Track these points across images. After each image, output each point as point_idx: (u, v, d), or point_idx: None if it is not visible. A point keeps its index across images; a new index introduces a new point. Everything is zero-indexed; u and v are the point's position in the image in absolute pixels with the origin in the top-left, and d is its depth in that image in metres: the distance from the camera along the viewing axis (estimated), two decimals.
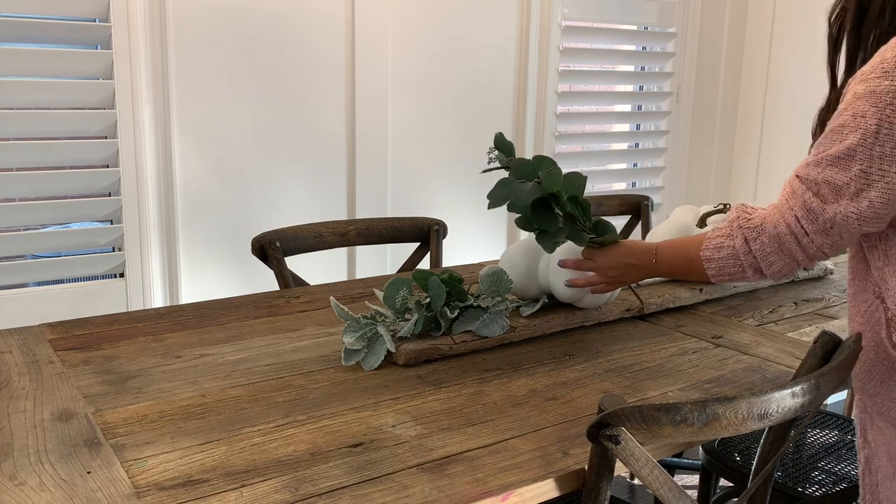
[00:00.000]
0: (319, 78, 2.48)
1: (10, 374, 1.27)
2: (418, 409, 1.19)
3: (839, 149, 1.02)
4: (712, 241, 1.21)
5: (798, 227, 1.09)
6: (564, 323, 1.54)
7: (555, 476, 1.00)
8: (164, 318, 1.56)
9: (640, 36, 3.30)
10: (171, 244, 2.33)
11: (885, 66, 0.98)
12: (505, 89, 2.87)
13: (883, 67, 0.98)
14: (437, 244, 2.10)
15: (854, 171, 1.01)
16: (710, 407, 0.89)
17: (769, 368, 1.39)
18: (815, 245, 1.09)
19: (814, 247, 1.09)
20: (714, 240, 1.21)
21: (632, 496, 2.42)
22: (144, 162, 2.24)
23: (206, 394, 1.22)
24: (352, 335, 1.35)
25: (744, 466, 1.59)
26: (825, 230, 1.07)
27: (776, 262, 1.14)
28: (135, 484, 0.95)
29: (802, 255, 1.11)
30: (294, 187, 2.50)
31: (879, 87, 0.97)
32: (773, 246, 1.13)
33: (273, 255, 1.89)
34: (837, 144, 1.02)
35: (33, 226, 2.25)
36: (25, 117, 2.12)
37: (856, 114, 1.00)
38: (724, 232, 1.20)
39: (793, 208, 1.09)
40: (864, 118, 0.99)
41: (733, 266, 1.19)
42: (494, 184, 1.41)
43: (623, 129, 3.32)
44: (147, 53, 2.20)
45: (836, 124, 1.03)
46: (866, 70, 1.00)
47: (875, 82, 0.98)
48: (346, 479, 0.98)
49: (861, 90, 1.00)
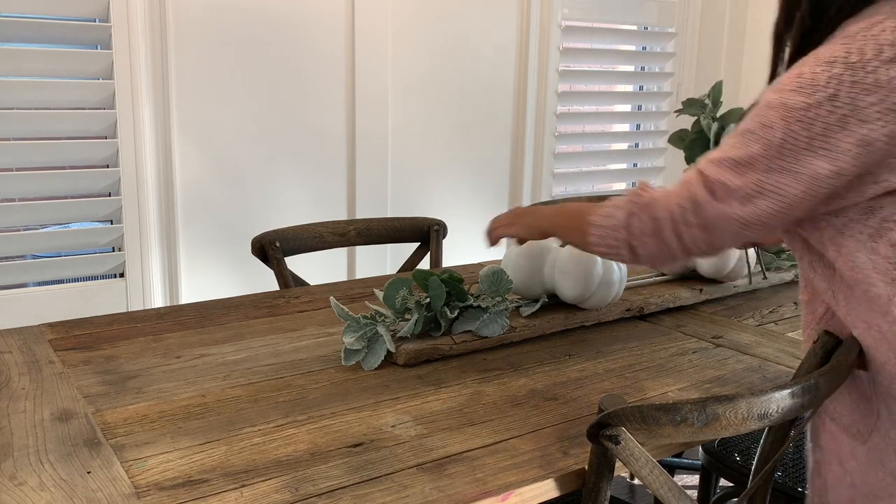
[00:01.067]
0: (319, 78, 2.48)
1: (10, 374, 1.27)
2: (418, 409, 1.19)
3: (741, 154, 1.01)
4: (604, 209, 1.18)
5: (680, 216, 1.07)
6: (564, 323, 1.54)
7: (555, 476, 1.00)
8: (164, 318, 1.56)
9: (640, 36, 3.30)
10: (171, 244, 2.33)
11: (800, 80, 0.96)
12: (505, 89, 2.87)
13: (798, 82, 0.96)
14: (437, 244, 2.10)
15: (750, 178, 1.00)
16: (710, 407, 0.89)
17: (769, 368, 1.39)
18: (691, 237, 1.07)
19: (690, 239, 1.07)
20: (607, 208, 1.18)
21: (632, 496, 2.42)
22: (144, 162, 2.24)
23: (206, 394, 1.22)
24: (352, 335, 1.35)
25: (744, 466, 1.59)
26: (705, 226, 1.05)
27: (649, 245, 1.11)
28: (135, 484, 0.95)
29: (677, 244, 1.09)
30: (294, 187, 2.50)
31: (791, 101, 0.96)
32: (651, 227, 1.10)
33: (273, 255, 1.89)
34: (740, 149, 1.01)
35: (33, 226, 2.25)
36: (25, 117, 2.12)
37: (763, 123, 0.98)
38: (617, 203, 1.17)
39: (681, 197, 1.07)
40: (770, 129, 0.97)
41: (612, 237, 1.15)
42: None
43: (623, 129, 3.32)
44: (147, 53, 2.20)
45: (745, 128, 1.02)
46: (783, 80, 0.99)
47: (788, 95, 0.96)
48: (346, 479, 0.98)
49: (774, 100, 0.98)
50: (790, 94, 0.96)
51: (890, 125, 0.91)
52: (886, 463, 1.04)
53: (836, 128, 0.93)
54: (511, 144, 2.93)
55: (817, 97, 0.93)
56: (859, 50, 0.92)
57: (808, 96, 0.94)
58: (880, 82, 0.90)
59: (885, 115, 0.91)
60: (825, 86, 0.93)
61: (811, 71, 0.95)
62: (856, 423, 1.08)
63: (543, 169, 3.00)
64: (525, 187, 2.98)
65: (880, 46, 0.91)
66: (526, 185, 2.98)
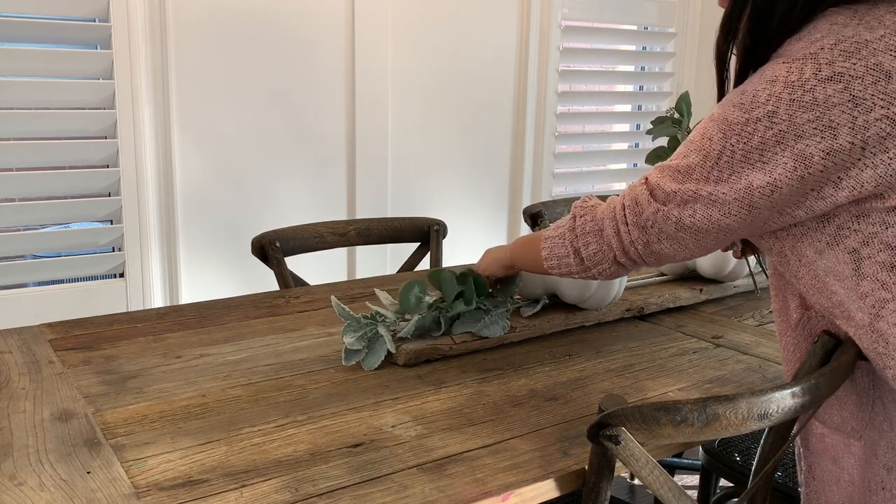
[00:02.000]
0: (320, 77, 2.48)
1: (10, 374, 1.27)
2: (418, 409, 1.19)
3: (681, 163, 1.04)
4: (553, 225, 1.24)
5: (621, 215, 1.11)
6: (564, 323, 1.54)
7: (555, 476, 1.00)
8: (164, 318, 1.56)
9: (640, 36, 3.30)
10: (171, 244, 2.33)
11: (743, 97, 0.97)
12: (505, 89, 2.87)
13: (741, 98, 0.97)
14: (437, 244, 2.10)
15: (688, 185, 1.03)
16: (710, 407, 0.89)
17: (769, 368, 1.39)
18: (630, 237, 1.10)
19: (629, 238, 1.10)
20: (555, 224, 1.24)
21: (632, 496, 2.42)
22: (144, 162, 2.24)
23: (206, 394, 1.22)
24: (352, 335, 1.35)
25: (744, 466, 1.59)
26: (644, 226, 1.08)
27: (592, 244, 1.15)
28: (135, 484, 0.95)
29: (617, 243, 1.12)
30: (294, 187, 2.50)
31: (731, 115, 0.98)
32: (593, 227, 1.15)
33: (273, 255, 1.89)
34: (682, 159, 1.04)
35: (33, 226, 2.25)
36: (25, 117, 2.12)
37: (704, 135, 1.01)
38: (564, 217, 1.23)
39: (624, 198, 1.11)
40: (710, 141, 1.00)
41: (560, 246, 1.20)
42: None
43: (623, 129, 3.32)
44: (147, 53, 2.20)
45: (689, 138, 1.05)
46: (727, 97, 1.01)
47: (729, 110, 0.98)
48: (346, 480, 0.98)
49: (716, 114, 1.01)
50: (731, 110, 0.98)
51: (826, 140, 0.92)
52: (880, 456, 1.05)
53: (772, 142, 0.95)
54: (511, 144, 2.93)
55: (756, 113, 0.95)
56: (799, 69, 0.93)
57: (748, 112, 0.96)
58: (818, 101, 0.92)
59: (821, 131, 0.92)
60: (764, 103, 0.95)
61: (753, 89, 0.97)
62: (847, 422, 1.09)
63: (543, 169, 3.00)
64: (525, 187, 2.98)
65: (818, 65, 0.93)
66: (526, 185, 2.98)
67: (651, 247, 1.10)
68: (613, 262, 1.15)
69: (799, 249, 1.04)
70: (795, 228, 1.03)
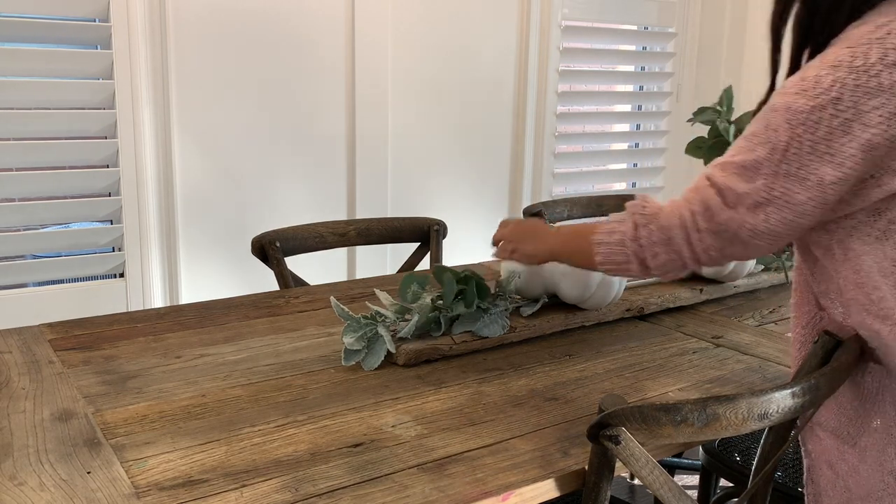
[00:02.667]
0: (320, 78, 2.48)
1: (10, 374, 1.27)
2: (418, 409, 1.19)
3: (747, 158, 1.00)
4: (606, 226, 1.16)
5: (692, 222, 1.05)
6: (564, 323, 1.54)
7: (555, 476, 1.00)
8: (164, 318, 1.56)
9: (640, 36, 3.30)
10: (171, 244, 2.33)
11: (804, 83, 0.95)
12: (505, 89, 2.87)
13: (802, 85, 0.95)
14: (437, 244, 2.10)
15: (758, 183, 0.99)
16: (710, 407, 0.89)
17: (769, 368, 1.39)
18: (703, 244, 1.06)
19: (702, 246, 1.06)
20: (609, 224, 1.16)
21: (632, 496, 2.42)
22: (144, 162, 2.24)
23: (206, 394, 1.22)
24: (352, 335, 1.35)
25: (744, 466, 1.59)
26: (717, 231, 1.04)
27: (661, 255, 1.09)
28: (135, 484, 0.95)
29: (689, 252, 1.07)
30: (294, 187, 2.50)
31: (795, 104, 0.95)
32: (661, 237, 1.09)
33: (273, 255, 1.89)
34: (746, 153, 1.00)
35: (33, 226, 2.25)
36: (25, 117, 2.12)
37: (769, 126, 0.98)
38: (619, 217, 1.15)
39: (691, 203, 1.06)
40: (775, 132, 0.97)
41: (619, 253, 1.13)
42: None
43: (623, 129, 3.32)
44: (147, 54, 2.20)
45: (751, 132, 1.01)
46: (788, 83, 0.98)
47: (792, 98, 0.96)
48: (347, 480, 0.98)
49: (779, 103, 0.98)
50: (794, 97, 0.96)
51: (892, 129, 0.91)
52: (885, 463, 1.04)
53: (839, 132, 0.93)
54: (511, 145, 2.93)
55: (821, 100, 0.93)
56: (864, 54, 0.92)
57: (812, 99, 0.94)
58: (883, 86, 0.90)
59: (888, 119, 0.91)
60: (828, 89, 0.93)
61: (815, 74, 0.95)
62: (843, 427, 1.08)
63: (543, 169, 3.00)
64: (525, 187, 2.98)
65: (885, 50, 0.91)
66: (526, 186, 2.98)
67: (725, 251, 1.05)
68: (682, 267, 1.11)
69: (847, 243, 1.02)
70: (846, 221, 1.01)
